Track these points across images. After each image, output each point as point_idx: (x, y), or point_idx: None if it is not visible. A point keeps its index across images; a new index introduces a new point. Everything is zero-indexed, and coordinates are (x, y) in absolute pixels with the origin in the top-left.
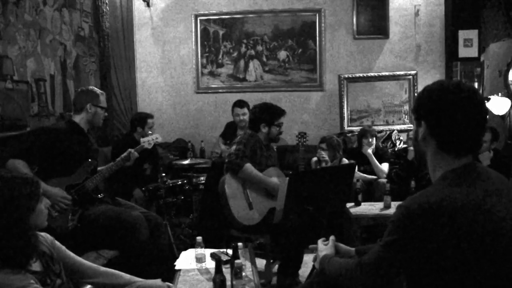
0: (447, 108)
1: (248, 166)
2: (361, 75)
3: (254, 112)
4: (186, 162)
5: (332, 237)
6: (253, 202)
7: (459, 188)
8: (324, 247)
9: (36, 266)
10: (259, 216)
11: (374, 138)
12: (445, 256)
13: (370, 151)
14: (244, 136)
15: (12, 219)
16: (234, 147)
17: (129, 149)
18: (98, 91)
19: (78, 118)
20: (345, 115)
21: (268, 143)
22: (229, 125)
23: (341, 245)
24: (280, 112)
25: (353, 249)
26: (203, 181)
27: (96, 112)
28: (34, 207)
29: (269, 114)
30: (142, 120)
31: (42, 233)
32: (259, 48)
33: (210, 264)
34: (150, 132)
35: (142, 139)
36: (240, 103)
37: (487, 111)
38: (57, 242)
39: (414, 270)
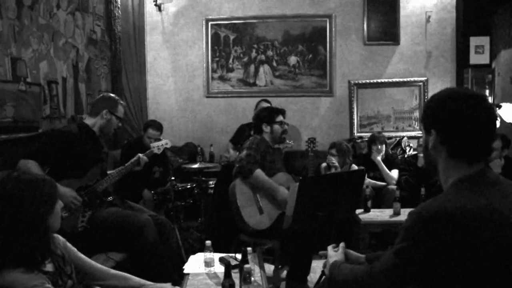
0: (456, 115)
1: (259, 172)
2: (371, 81)
3: (255, 116)
4: (195, 166)
5: (342, 244)
6: (263, 206)
7: (472, 195)
8: (334, 253)
9: (48, 266)
10: (270, 220)
11: (384, 145)
12: (457, 263)
13: (379, 158)
14: (254, 141)
15: (33, 219)
16: (244, 152)
17: (139, 154)
18: (120, 101)
19: (91, 122)
20: (355, 121)
21: (274, 145)
22: (241, 129)
23: (351, 251)
24: (278, 110)
25: (363, 256)
26: (212, 185)
27: (110, 119)
28: (53, 207)
29: (268, 112)
30: (144, 127)
31: (54, 235)
32: (270, 53)
33: (219, 269)
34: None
35: (152, 144)
36: (265, 99)
37: (496, 117)
38: (68, 244)
39: (426, 277)
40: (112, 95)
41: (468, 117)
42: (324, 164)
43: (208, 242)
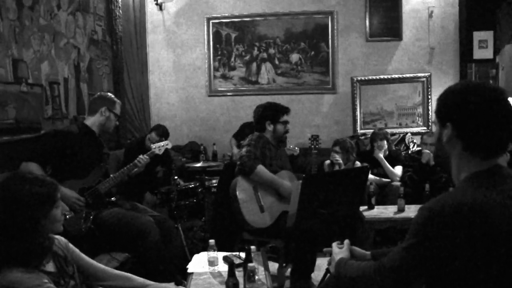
0: (475, 109)
1: (260, 168)
2: (374, 77)
3: (258, 112)
4: (198, 165)
5: (347, 241)
6: (264, 205)
7: (485, 190)
8: (339, 250)
9: (49, 267)
10: (271, 219)
11: (385, 141)
12: (468, 259)
13: (381, 154)
14: (252, 138)
15: (25, 218)
16: (244, 149)
17: (140, 156)
18: (116, 99)
19: (90, 121)
20: (358, 117)
21: (276, 144)
22: (245, 126)
23: (356, 248)
24: (284, 109)
25: (368, 252)
26: (216, 184)
27: (109, 117)
28: (48, 209)
29: (272, 111)
30: (151, 129)
31: (57, 236)
32: (272, 51)
33: (223, 268)
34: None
35: (152, 145)
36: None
37: None
38: (71, 245)
39: (436, 273)
40: (108, 94)
41: (486, 112)
42: (327, 161)
43: (211, 241)
